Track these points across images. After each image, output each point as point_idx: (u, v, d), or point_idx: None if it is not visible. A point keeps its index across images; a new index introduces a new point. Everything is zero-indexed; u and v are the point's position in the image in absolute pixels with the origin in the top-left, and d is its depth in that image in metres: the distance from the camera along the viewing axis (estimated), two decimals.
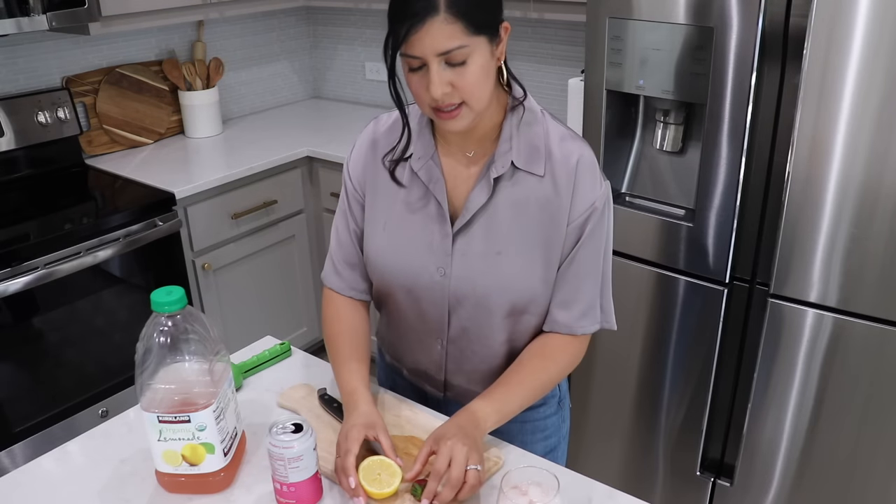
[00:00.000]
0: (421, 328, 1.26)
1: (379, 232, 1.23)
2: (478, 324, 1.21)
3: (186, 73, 2.88)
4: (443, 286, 1.19)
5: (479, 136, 1.16)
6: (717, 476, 2.03)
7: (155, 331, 1.03)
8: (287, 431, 1.02)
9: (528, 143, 1.15)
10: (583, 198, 1.14)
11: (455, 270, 1.18)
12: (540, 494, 0.94)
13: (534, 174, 1.14)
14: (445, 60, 1.03)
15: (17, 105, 2.43)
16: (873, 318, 1.63)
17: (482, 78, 1.06)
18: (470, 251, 1.17)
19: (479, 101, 1.07)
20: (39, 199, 2.40)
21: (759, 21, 1.59)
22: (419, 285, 1.21)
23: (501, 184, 1.15)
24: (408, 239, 1.20)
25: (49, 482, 1.16)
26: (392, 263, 1.22)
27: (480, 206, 1.15)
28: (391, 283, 1.23)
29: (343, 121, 3.12)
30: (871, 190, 1.55)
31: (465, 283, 1.18)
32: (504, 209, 1.15)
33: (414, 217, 1.20)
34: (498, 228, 1.16)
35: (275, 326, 2.80)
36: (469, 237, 1.17)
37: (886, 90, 1.47)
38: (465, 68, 1.04)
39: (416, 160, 1.19)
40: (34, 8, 2.11)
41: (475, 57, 1.04)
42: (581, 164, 1.14)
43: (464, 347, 1.25)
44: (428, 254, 1.19)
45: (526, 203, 1.15)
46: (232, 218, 2.57)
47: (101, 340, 2.28)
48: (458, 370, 1.28)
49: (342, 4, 2.93)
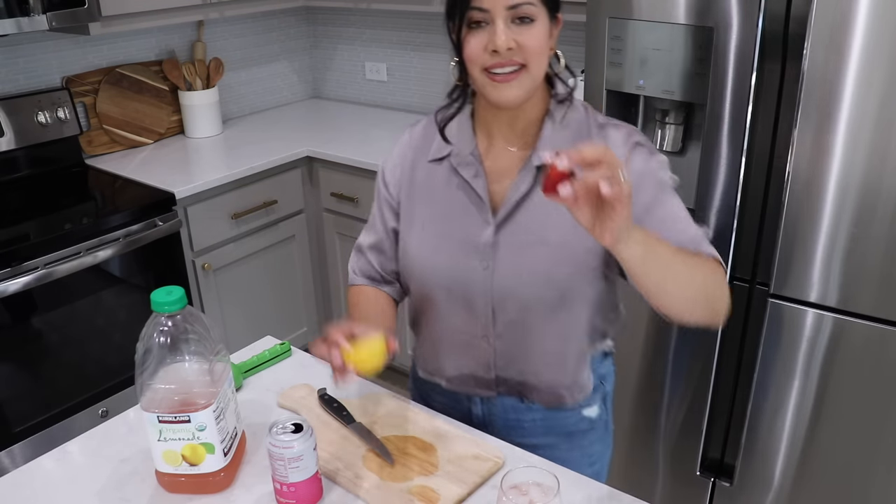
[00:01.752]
0: (465, 328, 1.22)
1: (417, 232, 1.21)
2: (525, 316, 1.18)
3: (186, 73, 2.88)
4: (486, 281, 1.16)
5: (523, 126, 1.15)
6: (717, 476, 2.03)
7: (155, 331, 1.03)
8: (287, 431, 1.02)
9: (573, 132, 1.14)
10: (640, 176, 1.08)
11: (499, 263, 1.15)
12: (540, 494, 0.94)
13: None
14: (512, 17, 1.03)
15: (17, 105, 2.43)
16: (873, 318, 1.63)
17: (543, 46, 1.06)
18: (513, 243, 1.14)
19: (538, 68, 1.07)
20: (39, 199, 2.40)
21: (759, 21, 1.59)
22: (462, 282, 1.18)
23: (542, 172, 1.10)
24: (448, 235, 1.18)
25: (49, 482, 1.16)
26: (432, 262, 1.20)
27: (522, 195, 1.13)
28: (432, 283, 1.21)
29: (343, 121, 3.12)
30: (870, 190, 1.55)
31: (510, 276, 1.15)
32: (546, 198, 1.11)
33: (454, 213, 1.18)
34: (541, 218, 1.13)
35: (275, 326, 2.80)
36: (512, 229, 1.15)
37: (886, 90, 1.47)
38: (532, 28, 1.04)
39: (455, 156, 1.18)
40: (34, 8, 2.11)
41: (539, 22, 1.04)
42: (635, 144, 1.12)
43: (513, 341, 1.21)
44: (470, 248, 1.16)
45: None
46: (232, 218, 2.57)
47: (101, 340, 2.28)
48: (508, 365, 1.24)
49: (342, 4, 2.93)
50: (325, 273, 2.97)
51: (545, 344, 1.21)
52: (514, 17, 1.03)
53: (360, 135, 2.90)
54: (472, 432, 1.21)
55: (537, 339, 1.21)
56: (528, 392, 1.26)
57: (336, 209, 2.78)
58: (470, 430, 1.22)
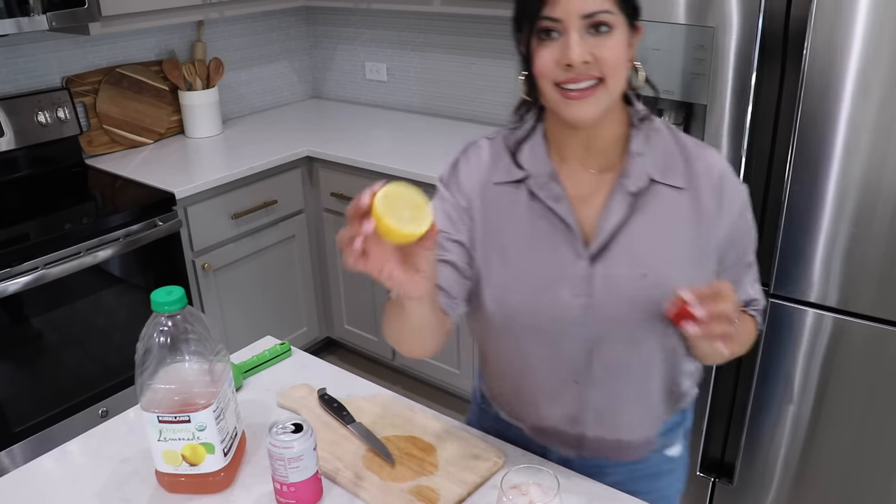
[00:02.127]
0: (552, 373, 1.10)
1: (497, 266, 1.07)
2: (627, 359, 1.07)
3: (186, 73, 2.88)
4: (582, 319, 1.04)
5: (601, 147, 1.05)
6: (717, 476, 2.03)
7: (155, 331, 1.03)
8: (287, 431, 1.02)
9: (661, 154, 1.04)
10: (731, 208, 1.05)
11: (597, 299, 1.03)
12: (540, 494, 0.94)
13: (673, 186, 1.03)
14: (587, 26, 0.93)
15: (17, 105, 2.43)
16: (873, 318, 1.63)
17: (621, 58, 0.96)
18: (612, 275, 1.03)
19: (617, 82, 0.97)
20: (39, 199, 2.40)
21: (759, 21, 1.59)
22: (552, 321, 1.05)
23: (640, 199, 1.03)
24: (535, 269, 1.05)
25: (49, 482, 1.16)
26: (518, 301, 1.06)
27: (618, 223, 1.02)
28: (515, 324, 1.08)
29: (343, 121, 3.12)
30: (870, 190, 1.55)
31: (611, 314, 1.03)
32: (643, 227, 1.03)
33: (538, 244, 1.05)
34: (639, 248, 1.03)
35: (275, 326, 2.80)
36: (609, 260, 1.03)
37: (886, 90, 1.47)
38: (609, 38, 0.94)
39: (532, 180, 1.06)
40: (34, 8, 2.11)
41: (617, 32, 0.95)
42: (725, 175, 1.05)
43: (608, 390, 1.09)
44: (562, 283, 1.04)
45: (666, 218, 1.03)
46: (232, 218, 2.57)
47: (101, 340, 2.28)
48: (599, 420, 1.12)
49: (342, 4, 2.93)
50: (325, 273, 2.97)
51: (646, 390, 1.11)
52: (590, 26, 0.94)
53: (360, 135, 2.90)
54: (472, 432, 1.21)
55: (637, 385, 1.10)
56: (619, 453, 1.16)
57: (336, 209, 2.78)
58: (470, 430, 1.22)
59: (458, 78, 2.99)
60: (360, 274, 0.86)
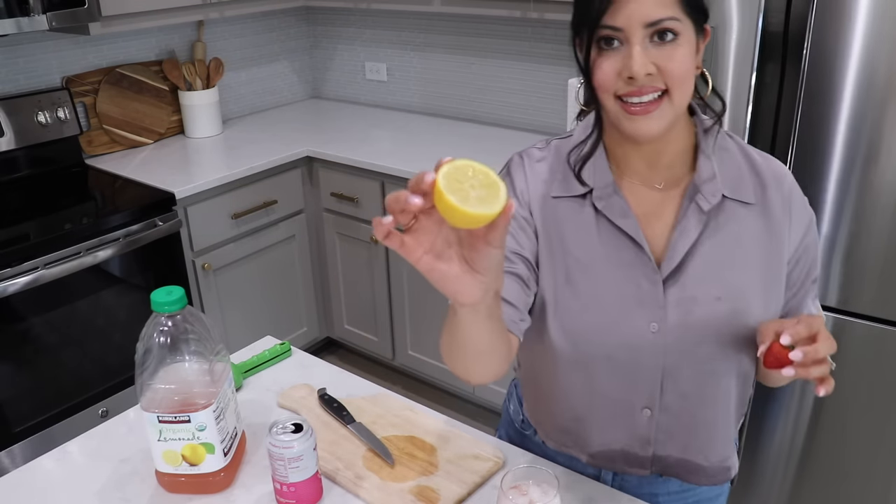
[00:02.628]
0: (622, 399, 1.04)
1: (563, 292, 1.00)
2: (701, 385, 1.02)
3: (186, 73, 2.88)
4: (656, 345, 0.99)
5: (667, 161, 0.99)
6: None
7: (155, 331, 1.03)
8: (287, 431, 1.02)
9: (731, 168, 0.99)
10: (800, 224, 1.00)
11: (671, 324, 0.98)
12: (540, 494, 0.94)
13: (743, 202, 0.98)
14: (651, 35, 0.87)
15: (17, 105, 2.43)
16: (873, 318, 1.63)
17: (688, 68, 0.90)
18: (685, 299, 0.98)
19: (683, 95, 0.91)
20: (39, 199, 2.40)
21: (759, 21, 1.59)
22: (626, 347, 1.00)
23: (711, 218, 0.98)
24: (605, 294, 0.99)
25: (49, 482, 1.16)
26: (587, 328, 1.00)
27: (691, 244, 0.97)
28: (583, 353, 1.02)
29: (343, 121, 3.12)
30: (870, 190, 1.55)
31: (686, 339, 0.98)
32: (716, 247, 0.98)
33: (607, 265, 0.99)
34: (714, 270, 0.98)
35: (275, 326, 2.80)
36: (682, 282, 0.98)
37: (886, 90, 1.47)
38: (675, 47, 0.88)
39: (596, 196, 1.00)
40: (34, 8, 2.11)
41: (684, 40, 0.89)
42: (793, 188, 1.00)
43: (680, 414, 1.04)
44: (636, 308, 0.99)
45: (738, 237, 0.98)
46: (232, 218, 2.57)
47: (101, 340, 2.28)
48: (668, 441, 1.07)
49: (342, 4, 2.93)
50: (325, 273, 2.98)
51: (718, 416, 1.06)
52: (654, 35, 0.88)
53: (360, 135, 2.90)
54: (472, 432, 1.21)
55: (711, 409, 1.05)
56: (689, 474, 1.10)
57: (336, 209, 2.78)
58: (470, 430, 1.22)
59: (458, 78, 2.99)
60: (360, 274, 0.84)
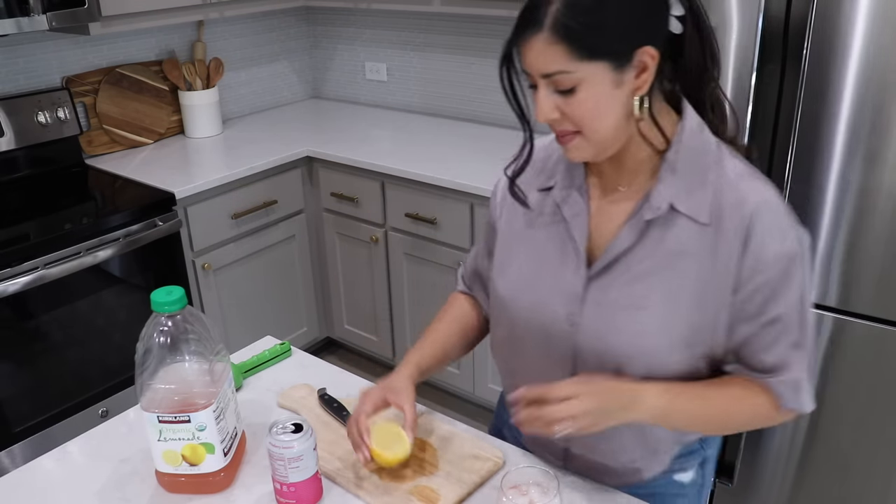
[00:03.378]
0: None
1: (510, 268, 1.10)
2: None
3: (186, 73, 2.88)
4: (570, 338, 1.03)
5: (632, 167, 1.00)
6: (717, 476, 2.03)
7: (155, 331, 1.03)
8: (287, 431, 1.02)
9: (692, 183, 0.96)
10: (761, 256, 0.94)
11: (586, 321, 1.01)
12: (540, 494, 0.94)
13: (696, 220, 0.96)
14: (552, 83, 0.90)
15: (17, 105, 2.43)
16: (873, 318, 1.63)
17: (599, 109, 0.91)
18: (605, 301, 1.00)
19: (596, 133, 0.93)
20: (39, 199, 2.40)
21: (759, 21, 1.59)
22: (545, 333, 1.05)
23: (654, 227, 0.98)
24: (539, 278, 1.05)
25: (49, 482, 1.16)
26: (520, 305, 1.08)
27: (624, 249, 0.99)
28: (516, 325, 1.09)
29: (343, 121, 3.12)
30: (870, 190, 1.55)
31: (596, 339, 1.01)
32: (653, 257, 0.98)
33: (550, 255, 1.05)
34: (643, 279, 0.98)
35: (275, 326, 2.80)
36: (606, 285, 1.00)
37: (886, 90, 1.47)
38: (574, 97, 0.90)
39: (559, 190, 1.05)
40: (34, 8, 2.11)
41: (588, 85, 0.89)
42: (760, 215, 0.94)
43: None
44: (558, 298, 1.03)
45: (680, 254, 0.97)
46: (232, 218, 2.57)
47: (101, 340, 2.28)
48: (579, 438, 1.07)
49: (342, 4, 2.93)
50: (325, 273, 2.98)
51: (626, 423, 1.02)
52: (553, 85, 0.90)
53: (360, 135, 2.90)
54: (471, 432, 1.21)
55: None
56: (601, 475, 1.12)
57: (336, 209, 2.78)
58: (470, 430, 1.22)
59: (458, 78, 2.99)
60: (360, 274, 0.88)
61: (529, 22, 0.88)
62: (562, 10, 0.86)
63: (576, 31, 0.86)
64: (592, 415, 0.93)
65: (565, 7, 0.86)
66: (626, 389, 0.96)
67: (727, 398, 1.01)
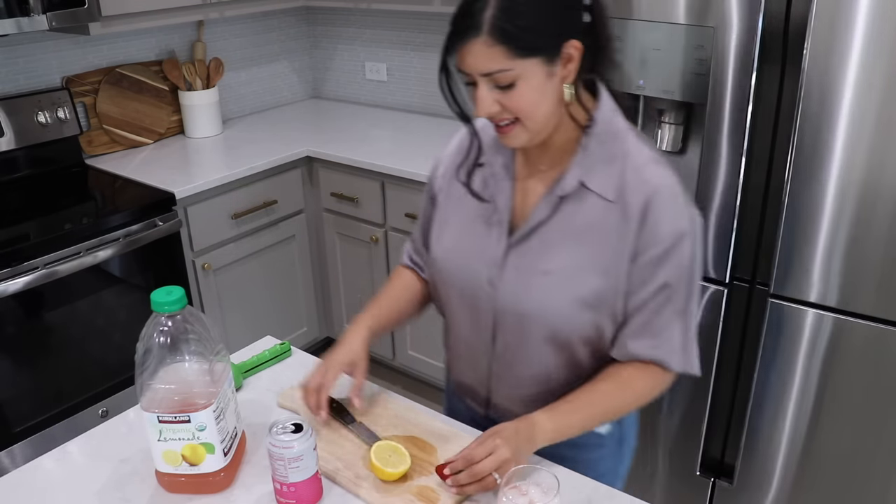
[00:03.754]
0: (470, 340, 1.24)
1: (444, 235, 1.23)
2: (520, 343, 1.17)
3: (186, 73, 2.88)
4: (490, 298, 1.16)
5: (554, 149, 1.12)
6: (717, 476, 2.03)
7: (155, 331, 1.03)
8: (287, 431, 1.02)
9: (602, 164, 1.08)
10: (658, 230, 1.06)
11: (504, 284, 1.14)
12: (540, 494, 0.94)
13: (603, 198, 1.08)
14: (492, 81, 1.01)
15: (17, 105, 2.43)
16: (873, 318, 1.63)
17: (534, 99, 1.02)
18: (521, 266, 1.13)
19: (532, 121, 1.04)
20: (39, 199, 2.40)
21: (759, 21, 1.59)
22: (471, 293, 1.19)
23: (567, 203, 1.10)
24: (468, 244, 1.19)
25: (49, 482, 1.16)
26: (450, 267, 1.21)
27: (539, 221, 1.12)
28: (448, 286, 1.23)
29: (343, 121, 3.12)
30: (870, 190, 1.55)
31: (510, 299, 1.14)
32: (564, 229, 1.11)
33: (477, 225, 1.18)
34: (552, 248, 1.11)
35: (275, 326, 2.80)
36: (523, 252, 1.13)
37: (886, 90, 1.47)
38: (513, 91, 1.01)
39: (489, 168, 1.18)
40: (34, 8, 2.11)
41: (526, 79, 1.00)
42: (660, 194, 1.06)
43: (507, 365, 1.21)
44: (482, 261, 1.17)
45: (589, 227, 1.09)
46: (232, 218, 2.57)
47: (101, 340, 2.28)
48: (499, 388, 1.24)
49: (342, 4, 2.93)
50: (325, 273, 2.98)
51: (538, 375, 1.19)
52: (493, 82, 1.01)
53: (360, 135, 2.90)
54: (471, 432, 1.21)
55: (529, 368, 1.18)
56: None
57: (336, 209, 2.78)
58: (470, 430, 1.22)
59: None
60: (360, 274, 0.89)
61: (468, 28, 0.98)
62: (497, 16, 0.96)
63: (512, 34, 0.97)
64: (513, 457, 1.04)
65: (500, 13, 0.96)
66: (524, 427, 1.08)
67: (615, 388, 1.13)
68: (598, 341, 1.14)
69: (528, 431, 1.08)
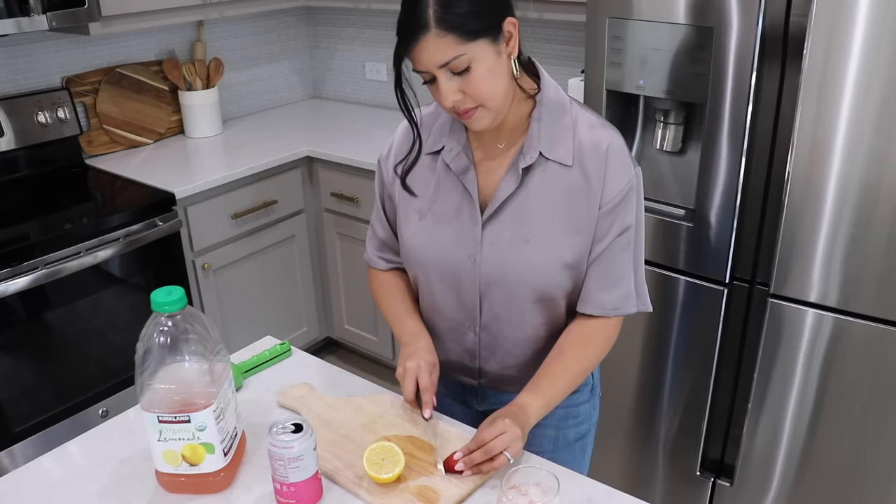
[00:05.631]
0: (455, 317, 1.30)
1: (414, 221, 1.27)
2: (508, 310, 1.25)
3: (186, 73, 2.88)
4: (473, 273, 1.23)
5: (508, 127, 1.20)
6: (717, 476, 2.03)
7: (155, 331, 1.03)
8: (287, 431, 1.02)
9: (556, 134, 1.18)
10: (614, 183, 1.17)
11: (485, 258, 1.22)
12: (540, 494, 0.95)
13: (562, 164, 1.18)
14: (449, 70, 1.07)
15: (17, 105, 2.43)
16: (873, 318, 1.63)
17: (491, 79, 1.09)
18: (499, 239, 1.20)
19: (493, 100, 1.11)
20: (39, 199, 2.40)
21: (759, 21, 1.59)
22: (452, 272, 1.25)
23: (531, 173, 1.19)
24: (441, 227, 1.25)
25: (49, 482, 1.16)
26: (426, 251, 1.27)
27: (509, 195, 1.19)
28: (426, 270, 1.28)
29: (343, 121, 3.12)
30: (870, 190, 1.55)
31: (494, 270, 1.21)
32: (533, 198, 1.19)
33: (447, 207, 1.24)
34: (527, 217, 1.19)
35: (275, 326, 2.80)
36: (498, 225, 1.21)
37: (886, 90, 1.47)
38: (471, 74, 1.08)
39: (448, 152, 1.23)
40: (34, 8, 2.11)
41: (478, 61, 1.07)
42: (611, 151, 1.18)
43: (496, 334, 1.28)
44: (459, 242, 1.23)
45: (555, 192, 1.18)
46: (232, 218, 2.57)
47: (102, 340, 2.28)
48: (490, 357, 1.32)
49: (342, 4, 2.93)
50: (325, 273, 2.98)
51: (527, 336, 1.28)
52: (451, 70, 1.07)
53: (360, 135, 2.90)
54: (471, 432, 1.21)
55: (519, 331, 1.27)
56: (508, 385, 1.34)
57: (336, 209, 2.78)
58: (470, 430, 1.22)
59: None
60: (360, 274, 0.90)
61: (417, 28, 1.05)
62: (439, 10, 1.04)
63: (456, 21, 1.04)
64: (519, 436, 1.11)
65: (440, 6, 1.04)
66: (518, 410, 1.16)
67: (581, 348, 1.24)
68: (574, 293, 1.25)
69: (524, 413, 1.15)
